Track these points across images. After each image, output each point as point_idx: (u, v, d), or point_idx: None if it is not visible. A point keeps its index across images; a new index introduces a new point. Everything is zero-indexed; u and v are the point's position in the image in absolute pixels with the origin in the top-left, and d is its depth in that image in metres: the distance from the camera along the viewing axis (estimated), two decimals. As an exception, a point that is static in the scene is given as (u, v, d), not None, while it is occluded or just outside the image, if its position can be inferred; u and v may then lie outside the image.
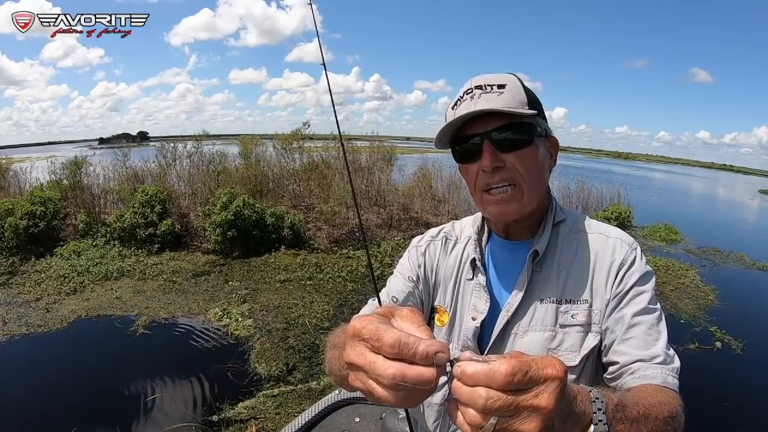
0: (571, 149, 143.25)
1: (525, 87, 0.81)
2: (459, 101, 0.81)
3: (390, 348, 0.41)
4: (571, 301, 0.81)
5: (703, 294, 6.94)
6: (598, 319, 0.80)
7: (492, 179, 0.79)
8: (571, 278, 0.82)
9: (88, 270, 7.12)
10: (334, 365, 0.70)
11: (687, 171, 72.57)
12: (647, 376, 0.72)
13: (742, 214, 20.38)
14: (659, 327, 0.78)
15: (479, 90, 0.79)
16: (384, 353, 0.42)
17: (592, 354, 0.80)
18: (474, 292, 0.89)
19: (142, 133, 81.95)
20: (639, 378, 0.73)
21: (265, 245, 8.26)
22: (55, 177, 10.35)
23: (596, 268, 0.82)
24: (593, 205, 11.35)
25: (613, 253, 0.82)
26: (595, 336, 0.80)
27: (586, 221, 0.89)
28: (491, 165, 0.77)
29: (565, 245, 0.85)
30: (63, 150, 28.09)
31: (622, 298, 0.79)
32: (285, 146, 12.12)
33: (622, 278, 0.80)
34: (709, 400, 4.11)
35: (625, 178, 27.54)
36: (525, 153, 0.79)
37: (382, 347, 0.41)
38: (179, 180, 11.27)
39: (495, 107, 0.76)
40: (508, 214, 0.81)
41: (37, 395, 4.03)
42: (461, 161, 0.84)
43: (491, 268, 0.91)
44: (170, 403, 3.89)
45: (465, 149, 0.82)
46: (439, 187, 11.83)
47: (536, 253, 0.84)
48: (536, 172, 0.81)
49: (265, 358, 4.63)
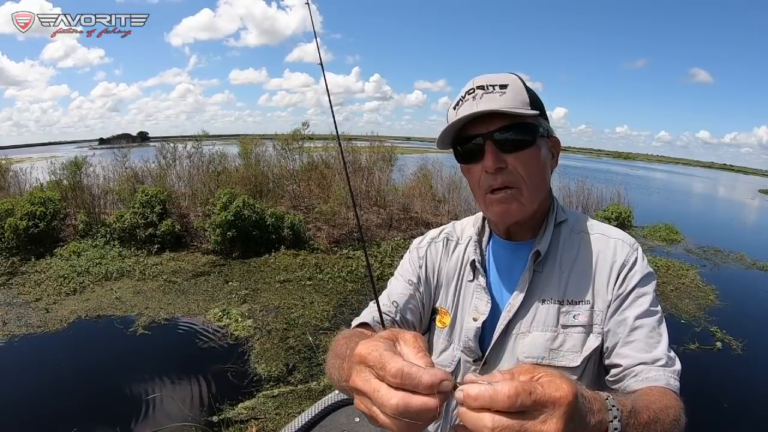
0: (571, 149, 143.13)
1: (527, 87, 0.81)
2: (461, 101, 0.81)
3: (393, 378, 0.41)
4: (573, 302, 0.81)
5: (703, 294, 6.93)
6: (600, 320, 0.80)
7: (495, 181, 0.79)
8: (572, 279, 0.82)
9: (87, 270, 7.12)
10: (334, 374, 0.69)
11: (687, 171, 72.55)
12: (650, 379, 0.72)
13: (742, 213, 20.37)
14: (660, 329, 0.78)
15: (481, 90, 0.78)
16: (387, 382, 0.41)
17: (594, 355, 0.80)
18: (475, 294, 0.89)
19: (142, 133, 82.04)
20: (642, 381, 0.73)
21: (265, 245, 8.25)
22: (55, 177, 10.35)
23: (598, 268, 0.82)
24: (593, 205, 11.33)
25: (614, 254, 0.82)
26: (596, 337, 0.80)
27: (587, 222, 0.89)
28: (494, 166, 0.77)
29: (567, 246, 0.85)
30: (63, 150, 28.13)
31: (623, 300, 0.79)
32: (285, 146, 12.12)
33: (623, 280, 0.80)
34: (709, 401, 4.10)
35: (625, 178, 27.53)
36: (527, 154, 0.79)
37: (386, 376, 0.41)
38: (179, 180, 11.26)
39: (497, 108, 0.75)
40: (510, 215, 0.81)
41: (36, 396, 4.02)
42: (463, 161, 0.84)
43: (492, 268, 0.91)
44: (170, 403, 3.88)
45: (467, 149, 0.82)
46: (439, 187, 11.82)
47: (538, 254, 0.84)
48: (538, 173, 0.81)
49: (265, 359, 4.62)
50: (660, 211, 14.66)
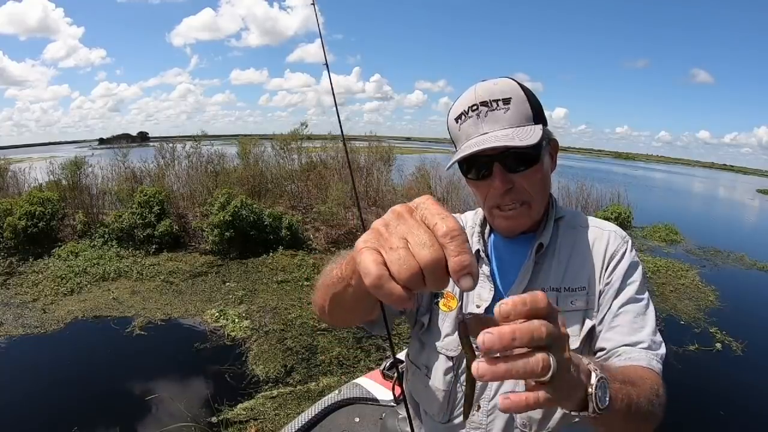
0: (571, 149, 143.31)
1: (528, 95, 0.81)
2: (463, 116, 0.82)
3: (445, 232, 0.38)
4: (571, 289, 0.84)
5: (703, 295, 6.90)
6: (595, 305, 0.83)
7: (503, 200, 0.82)
8: (570, 269, 0.86)
9: (85, 271, 7.09)
10: (326, 278, 0.72)
11: (687, 171, 72.60)
12: (632, 358, 0.76)
13: (742, 213, 20.38)
14: (646, 314, 0.82)
15: (485, 107, 0.79)
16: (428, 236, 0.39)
17: (588, 338, 0.83)
18: (479, 282, 0.89)
19: (142, 133, 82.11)
20: (624, 360, 0.77)
21: (263, 246, 8.22)
22: (54, 177, 10.33)
23: (592, 258, 0.86)
24: (593, 205, 11.31)
25: (606, 244, 0.87)
26: (591, 320, 0.83)
27: (583, 217, 0.93)
28: (503, 187, 0.80)
29: (564, 239, 0.89)
30: (63, 150, 28.06)
31: (611, 289, 0.83)
32: (283, 146, 12.12)
33: (613, 269, 0.84)
34: (709, 402, 4.09)
35: (625, 178, 27.53)
36: (533, 171, 0.82)
37: (438, 226, 0.39)
38: (178, 180, 11.25)
39: (503, 143, 0.75)
40: (517, 229, 0.87)
41: (34, 396, 4.00)
42: (468, 177, 0.86)
43: (494, 259, 0.93)
44: (169, 404, 3.86)
45: (473, 167, 0.84)
46: (438, 187, 11.81)
47: (541, 246, 0.86)
48: (543, 186, 0.85)
49: (263, 360, 4.60)
50: (660, 212, 14.63)
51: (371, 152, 12.21)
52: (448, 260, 0.37)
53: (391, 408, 1.82)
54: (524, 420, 0.82)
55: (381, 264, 0.39)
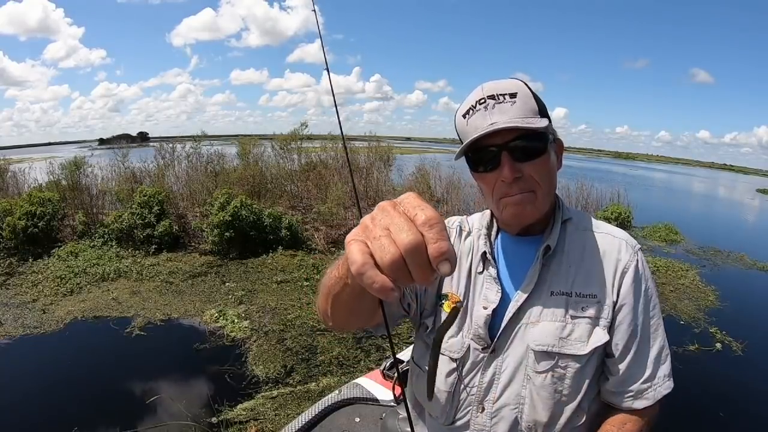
0: (571, 149, 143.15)
1: (533, 92, 0.83)
2: (471, 110, 0.83)
3: (424, 220, 0.39)
4: (581, 295, 0.84)
5: (703, 295, 6.90)
6: (606, 315, 0.83)
7: (510, 189, 0.83)
8: (580, 274, 0.85)
9: (85, 271, 7.09)
10: (326, 280, 0.74)
11: (687, 171, 72.59)
12: (621, 407, 0.85)
13: (742, 213, 20.37)
14: (656, 335, 0.85)
15: (492, 100, 0.81)
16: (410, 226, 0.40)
17: (599, 350, 0.84)
18: (485, 284, 0.90)
19: (142, 133, 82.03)
20: (627, 403, 0.85)
21: (263, 246, 8.22)
22: (53, 177, 10.32)
23: (604, 266, 0.86)
24: (593, 205, 11.31)
25: (618, 253, 0.86)
26: (603, 330, 0.83)
27: (591, 220, 0.93)
28: (512, 176, 0.81)
29: (573, 242, 0.88)
30: (63, 151, 28.01)
31: (623, 304, 0.83)
32: (283, 146, 12.11)
33: (627, 287, 0.85)
34: (709, 402, 4.08)
35: (625, 177, 27.54)
36: (540, 161, 0.83)
37: (417, 216, 0.40)
38: (177, 181, 11.24)
39: (513, 124, 0.78)
40: (524, 217, 0.86)
41: (33, 396, 3.99)
42: (476, 170, 0.86)
43: (501, 260, 0.93)
44: (169, 404, 3.85)
45: (481, 159, 0.84)
46: (438, 187, 11.81)
47: (548, 248, 0.86)
48: (550, 178, 0.86)
49: (262, 360, 4.59)
50: (660, 211, 14.62)
51: (371, 152, 12.22)
52: (428, 246, 0.38)
53: (392, 408, 1.81)
54: (529, 423, 0.83)
55: (366, 253, 0.41)
